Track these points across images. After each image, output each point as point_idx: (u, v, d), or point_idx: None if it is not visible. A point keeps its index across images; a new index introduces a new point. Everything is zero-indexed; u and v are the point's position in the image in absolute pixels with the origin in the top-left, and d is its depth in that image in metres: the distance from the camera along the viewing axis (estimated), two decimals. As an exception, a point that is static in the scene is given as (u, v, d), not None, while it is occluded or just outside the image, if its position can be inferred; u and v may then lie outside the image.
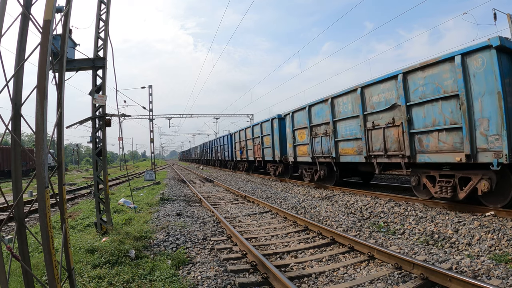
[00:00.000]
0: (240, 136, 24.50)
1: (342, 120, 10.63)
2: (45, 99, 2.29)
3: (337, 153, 10.98)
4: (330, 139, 11.27)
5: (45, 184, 2.28)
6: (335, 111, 10.97)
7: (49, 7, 2.33)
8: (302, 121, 13.53)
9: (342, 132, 10.71)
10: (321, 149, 11.93)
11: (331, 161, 11.41)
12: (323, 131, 11.76)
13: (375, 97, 9.04)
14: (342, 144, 10.77)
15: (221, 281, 4.40)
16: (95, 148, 7.09)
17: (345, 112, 10.46)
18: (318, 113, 12.18)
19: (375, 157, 9.19)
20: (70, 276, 2.80)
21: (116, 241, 5.78)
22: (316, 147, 12.32)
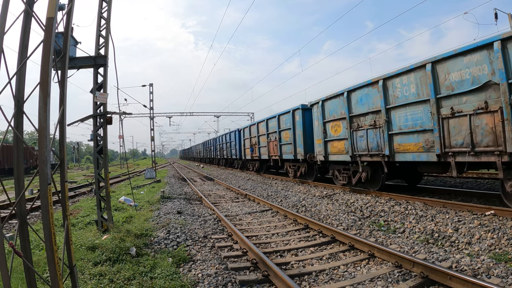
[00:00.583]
0: (250, 132, 21.88)
1: (401, 107, 8.31)
2: (48, 96, 2.29)
3: (392, 150, 8.67)
4: (380, 132, 8.98)
5: (48, 181, 2.30)
6: (389, 95, 8.66)
7: (52, 5, 2.34)
8: (337, 111, 11.08)
9: (399, 122, 8.39)
10: (366, 145, 9.62)
11: (382, 160, 9.10)
12: (370, 122, 9.41)
13: (454, 75, 6.92)
14: (399, 139, 8.45)
15: (221, 279, 4.42)
16: (96, 146, 7.10)
17: (405, 96, 8.13)
18: (362, 100, 9.80)
19: (453, 155, 7.04)
20: (72, 273, 2.81)
21: (117, 239, 5.80)
22: (358, 143, 10.00)
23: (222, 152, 33.10)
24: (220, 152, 33.86)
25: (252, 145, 21.18)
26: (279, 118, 16.43)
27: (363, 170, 10.12)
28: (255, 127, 20.61)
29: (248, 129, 22.37)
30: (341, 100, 10.80)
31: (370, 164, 9.99)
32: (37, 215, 10.36)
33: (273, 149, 17.48)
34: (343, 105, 10.64)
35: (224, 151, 31.86)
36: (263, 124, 18.91)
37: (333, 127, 11.51)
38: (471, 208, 6.81)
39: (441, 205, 7.46)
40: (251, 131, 21.71)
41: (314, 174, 14.40)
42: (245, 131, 23.55)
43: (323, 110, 11.99)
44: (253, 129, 21.39)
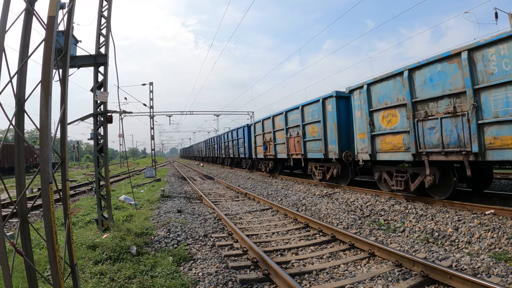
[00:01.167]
0: (264, 127, 18.77)
1: (498, 87, 6.16)
2: (49, 95, 2.29)
3: (482, 146, 6.51)
4: (464, 121, 6.77)
5: (49, 179, 2.30)
6: (478, 71, 6.50)
7: (53, 4, 2.34)
8: (392, 96, 8.71)
9: (496, 108, 6.24)
10: (439, 140, 7.29)
11: (464, 159, 6.83)
12: (447, 109, 7.17)
13: None
14: (495, 130, 6.29)
15: (222, 278, 4.43)
16: (96, 144, 7.10)
17: (505, 71, 6.02)
18: (432, 80, 7.47)
19: None
20: (73, 272, 2.82)
21: (118, 238, 5.80)
22: (426, 137, 7.64)
23: (227, 151, 29.79)
24: (226, 150, 30.55)
25: (266, 142, 18.34)
26: (303, 109, 13.77)
27: (432, 173, 7.68)
28: (270, 122, 17.63)
29: (261, 124, 19.13)
30: (398, 82, 8.40)
31: (438, 165, 7.67)
32: (37, 214, 10.37)
33: (294, 147, 14.83)
34: (401, 88, 8.24)
35: (229, 150, 28.69)
36: (281, 118, 16.04)
37: (385, 118, 9.03)
38: (471, 207, 6.82)
39: (441, 204, 7.47)
40: (265, 126, 18.69)
41: (349, 177, 11.76)
42: (256, 126, 20.36)
43: (369, 96, 9.56)
44: (267, 123, 18.36)
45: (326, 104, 12.19)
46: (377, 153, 9.44)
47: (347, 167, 11.69)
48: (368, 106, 9.60)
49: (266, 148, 18.33)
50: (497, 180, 11.80)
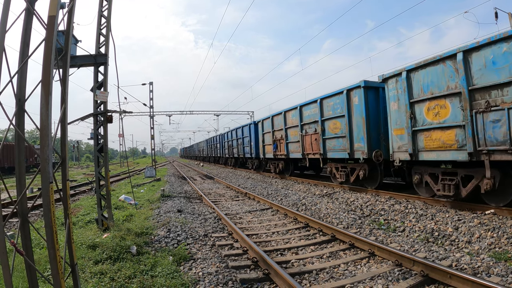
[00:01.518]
0: (273, 124, 17.20)
1: None
2: (50, 95, 2.29)
3: None
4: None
5: (50, 179, 2.30)
6: None
7: (53, 3, 2.34)
8: (440, 84, 7.29)
9: None
10: (506, 135, 5.94)
11: None
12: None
13: None
14: None
15: (222, 277, 4.43)
16: (96, 144, 7.10)
17: None
18: (496, 63, 6.15)
19: None
20: (73, 271, 2.82)
21: (118, 237, 5.81)
22: (487, 132, 6.29)
23: (231, 150, 27.89)
24: (229, 150, 28.62)
25: (276, 140, 16.66)
26: (322, 103, 12.13)
27: (491, 176, 6.39)
28: (281, 118, 15.92)
29: (270, 120, 17.50)
30: (448, 67, 7.07)
31: (500, 166, 6.42)
32: (36, 213, 10.37)
33: (310, 145, 13.11)
34: (453, 73, 6.91)
35: (233, 149, 26.72)
36: (295, 113, 14.40)
37: (431, 109, 7.58)
38: (471, 207, 6.82)
39: (441, 204, 7.48)
40: (274, 123, 17.07)
41: (377, 180, 10.33)
42: (264, 123, 18.73)
43: (409, 85, 8.10)
44: (277, 120, 16.64)
45: (351, 96, 10.54)
46: (420, 152, 7.97)
47: (375, 168, 10.28)
48: (408, 96, 8.12)
49: (277, 147, 16.65)
50: None
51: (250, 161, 23.87)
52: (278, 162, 17.71)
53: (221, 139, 33.41)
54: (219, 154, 35.03)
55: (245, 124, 23.55)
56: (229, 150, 28.66)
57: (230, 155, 28.93)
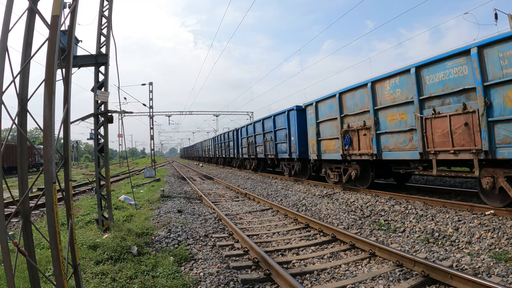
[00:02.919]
0: (342, 105, 11.04)
1: None
2: (53, 94, 2.30)
3: None
4: None
5: (53, 179, 2.30)
6: None
7: (57, 3, 2.34)
8: None
9: None
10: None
11: None
12: None
13: None
14: None
15: (223, 278, 4.43)
16: (97, 144, 7.09)
17: None
18: None
19: None
20: (76, 272, 2.82)
21: (118, 238, 5.80)
22: None
23: (252, 149, 21.08)
24: (250, 148, 21.75)
25: (350, 131, 10.59)
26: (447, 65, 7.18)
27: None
28: (363, 93, 9.93)
29: (335, 100, 11.33)
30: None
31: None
32: (37, 213, 10.35)
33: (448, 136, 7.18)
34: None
35: (257, 147, 20.22)
36: (399, 80, 8.58)
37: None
38: (471, 207, 6.83)
39: (441, 204, 7.49)
40: (346, 104, 10.87)
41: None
42: (321, 107, 12.46)
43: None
44: (353, 98, 10.49)
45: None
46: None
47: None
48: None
49: (350, 142, 10.53)
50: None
51: (285, 164, 16.86)
52: (348, 168, 11.19)
53: (235, 135, 26.38)
54: (232, 154, 28.31)
55: (280, 111, 16.48)
56: (250, 148, 21.78)
57: (251, 154, 21.69)
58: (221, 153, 33.83)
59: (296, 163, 15.37)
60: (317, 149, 12.80)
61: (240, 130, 25.02)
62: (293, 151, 15.05)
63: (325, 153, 12.44)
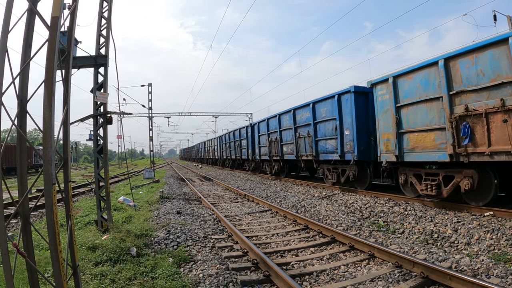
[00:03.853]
0: (449, 76, 7.00)
1: None
2: (53, 95, 2.30)
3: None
4: None
5: (52, 180, 2.30)
6: None
7: (57, 4, 2.34)
8: None
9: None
10: None
11: None
12: None
13: None
14: None
15: (222, 279, 4.42)
16: (96, 146, 7.09)
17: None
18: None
19: None
20: (75, 273, 2.82)
21: (117, 239, 5.79)
22: None
23: (275, 148, 16.59)
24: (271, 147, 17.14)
25: (467, 116, 6.65)
26: None
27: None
28: (488, 57, 6.25)
29: (428, 73, 7.61)
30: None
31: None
32: (36, 214, 10.33)
33: None
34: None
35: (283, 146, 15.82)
36: None
37: None
38: (470, 209, 6.84)
39: (440, 206, 7.49)
40: (456, 75, 6.93)
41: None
42: (402, 84, 8.46)
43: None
44: (461, 67, 6.77)
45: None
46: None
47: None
48: None
49: (471, 135, 6.64)
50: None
51: (328, 168, 12.40)
52: (456, 175, 7.26)
53: (251, 132, 21.50)
54: (244, 155, 23.20)
55: (323, 97, 12.09)
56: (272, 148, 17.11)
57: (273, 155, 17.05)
58: (229, 154, 28.37)
59: (352, 166, 10.71)
60: (397, 147, 8.57)
61: (258, 126, 19.71)
62: (348, 150, 10.69)
63: (413, 152, 8.19)
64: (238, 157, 25.28)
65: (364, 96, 10.42)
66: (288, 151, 15.44)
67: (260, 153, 19.70)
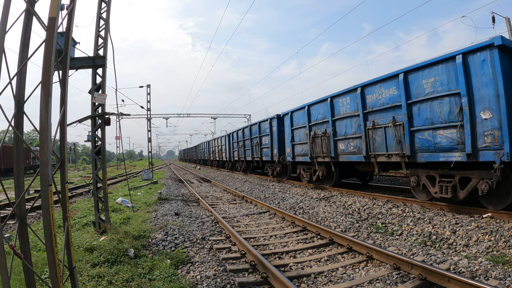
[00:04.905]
0: None
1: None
2: (49, 96, 2.29)
3: None
4: None
5: (49, 182, 2.29)
6: None
7: (54, 5, 2.34)
8: None
9: None
10: None
11: None
12: None
13: None
14: None
15: (220, 281, 4.41)
16: (94, 146, 7.07)
17: None
18: None
19: None
20: (72, 275, 2.80)
21: (115, 240, 5.77)
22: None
23: (321, 146, 11.97)
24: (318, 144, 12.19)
25: None
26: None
27: None
28: None
29: None
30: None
31: None
32: (33, 215, 10.30)
33: None
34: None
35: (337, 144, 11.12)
36: None
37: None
38: (469, 210, 6.84)
39: (438, 207, 7.49)
40: None
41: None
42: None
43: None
44: None
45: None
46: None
47: None
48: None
49: None
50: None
51: (429, 176, 7.80)
52: None
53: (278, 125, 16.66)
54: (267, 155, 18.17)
55: (435, 58, 7.40)
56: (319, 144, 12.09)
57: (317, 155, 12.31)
58: (242, 155, 23.08)
59: (492, 174, 6.21)
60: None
61: (290, 116, 14.31)
62: (486, 145, 6.33)
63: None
64: (256, 158, 19.96)
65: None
66: (347, 149, 10.58)
67: (294, 152, 14.33)
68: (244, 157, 22.93)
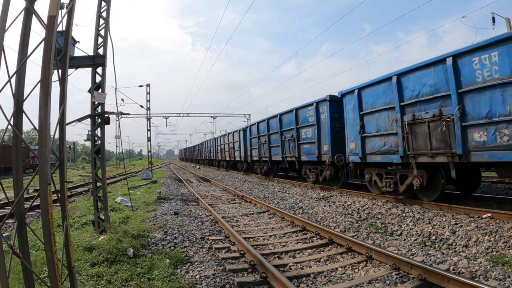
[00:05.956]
0: None
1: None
2: (49, 95, 2.28)
3: None
4: None
5: (48, 181, 2.28)
6: None
7: (53, 3, 2.33)
8: None
9: None
10: None
11: None
12: None
13: None
14: None
15: (219, 280, 4.40)
16: (93, 146, 7.06)
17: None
18: None
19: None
20: (71, 274, 2.79)
21: (114, 240, 5.76)
22: None
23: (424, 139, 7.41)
24: (422, 137, 7.46)
25: None
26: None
27: None
28: None
29: None
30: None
31: None
32: (33, 214, 10.28)
33: None
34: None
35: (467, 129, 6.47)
36: None
37: None
38: (468, 211, 6.84)
39: (438, 208, 7.49)
40: None
41: None
42: None
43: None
44: None
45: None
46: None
47: None
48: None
49: None
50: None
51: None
52: None
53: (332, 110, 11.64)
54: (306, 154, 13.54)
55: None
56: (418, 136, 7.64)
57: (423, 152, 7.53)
58: (266, 153, 17.97)
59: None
60: None
61: (357, 96, 9.85)
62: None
63: None
64: (290, 157, 14.87)
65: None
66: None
67: (365, 149, 9.72)
68: (268, 156, 17.65)
